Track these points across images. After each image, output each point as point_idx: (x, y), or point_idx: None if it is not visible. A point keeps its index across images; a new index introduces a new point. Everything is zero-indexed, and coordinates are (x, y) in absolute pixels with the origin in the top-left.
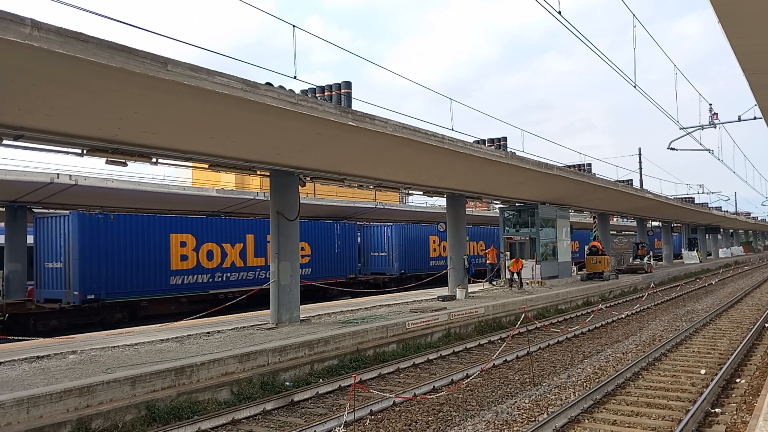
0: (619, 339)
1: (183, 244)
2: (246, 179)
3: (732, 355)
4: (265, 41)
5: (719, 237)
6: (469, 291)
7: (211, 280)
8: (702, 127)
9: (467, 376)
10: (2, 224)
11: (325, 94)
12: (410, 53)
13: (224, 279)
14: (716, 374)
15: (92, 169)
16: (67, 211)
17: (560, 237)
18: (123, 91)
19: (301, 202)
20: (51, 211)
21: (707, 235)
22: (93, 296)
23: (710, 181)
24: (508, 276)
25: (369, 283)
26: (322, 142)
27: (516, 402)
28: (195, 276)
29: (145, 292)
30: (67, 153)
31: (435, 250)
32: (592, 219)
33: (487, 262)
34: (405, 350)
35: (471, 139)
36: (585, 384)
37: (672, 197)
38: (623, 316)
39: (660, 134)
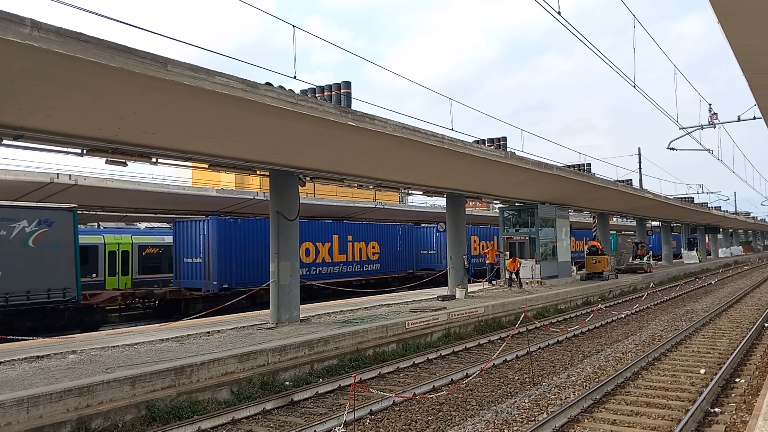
0: (619, 339)
1: None
2: (246, 179)
3: (731, 354)
4: (265, 41)
5: (719, 237)
6: (469, 291)
7: (308, 272)
8: (702, 127)
9: (467, 376)
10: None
11: (325, 94)
12: (410, 53)
13: (317, 272)
14: (716, 374)
15: (92, 169)
16: (206, 216)
17: (560, 237)
18: (123, 91)
19: (300, 201)
20: (189, 216)
21: (707, 234)
22: (227, 285)
23: (710, 181)
24: (507, 276)
25: (423, 277)
26: (322, 142)
27: (516, 401)
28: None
29: (262, 283)
30: (67, 153)
31: (475, 249)
32: (591, 219)
33: (487, 261)
34: (405, 350)
35: (471, 139)
36: (585, 384)
37: (672, 197)
38: (623, 315)
39: (660, 134)
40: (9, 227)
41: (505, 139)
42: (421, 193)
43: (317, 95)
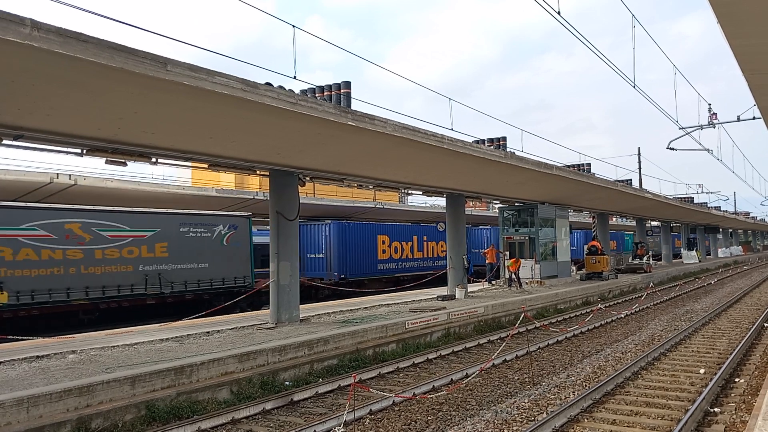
0: (619, 338)
1: (383, 242)
2: (245, 179)
3: (731, 354)
4: (265, 41)
5: (718, 237)
6: (469, 291)
7: (395, 266)
8: (701, 127)
9: (467, 376)
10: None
11: (325, 94)
12: (410, 53)
13: (402, 266)
14: (715, 374)
15: (92, 168)
16: (329, 221)
17: (559, 237)
18: (123, 91)
19: (300, 201)
20: (313, 221)
21: (706, 234)
22: (343, 276)
23: (709, 181)
24: (507, 276)
25: (480, 272)
26: (322, 142)
27: (515, 401)
28: (389, 264)
29: (366, 274)
30: (67, 153)
31: None
32: (591, 219)
33: (487, 261)
34: (404, 350)
35: (470, 139)
36: (584, 383)
37: (671, 197)
38: (622, 315)
39: (659, 134)
40: (212, 230)
41: (504, 139)
42: (420, 192)
43: (317, 95)
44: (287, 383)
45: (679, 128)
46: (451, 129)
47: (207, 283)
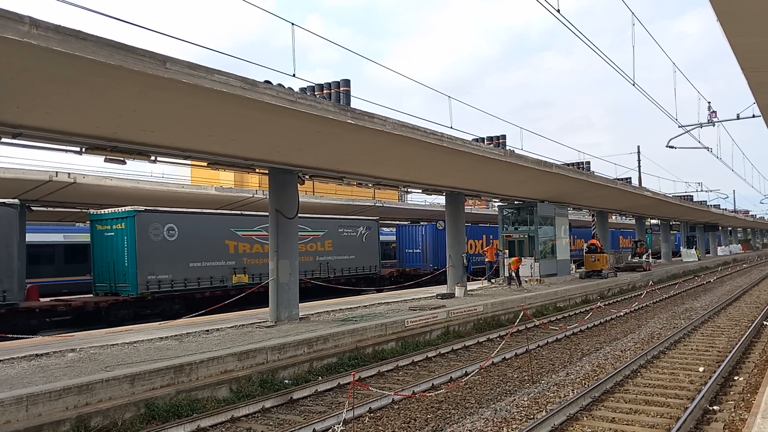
0: (618, 337)
1: None
2: (244, 177)
3: (730, 352)
4: (266, 41)
5: (719, 236)
6: (468, 289)
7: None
8: (701, 126)
9: (466, 374)
10: None
11: (324, 92)
12: (410, 51)
13: (474, 260)
14: (714, 372)
15: (91, 166)
16: (425, 223)
17: (559, 235)
18: (122, 89)
19: (299, 199)
20: (403, 223)
21: (706, 232)
22: (436, 267)
23: (709, 179)
24: (507, 274)
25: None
26: (322, 140)
27: (515, 400)
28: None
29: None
30: (66, 151)
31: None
32: (590, 217)
33: (486, 260)
34: (404, 348)
35: (470, 137)
36: (584, 382)
37: (671, 195)
38: (622, 313)
39: (659, 132)
40: (356, 230)
41: (504, 137)
42: (420, 191)
43: (316, 93)
44: (287, 381)
45: (679, 126)
46: (451, 127)
47: (354, 271)
